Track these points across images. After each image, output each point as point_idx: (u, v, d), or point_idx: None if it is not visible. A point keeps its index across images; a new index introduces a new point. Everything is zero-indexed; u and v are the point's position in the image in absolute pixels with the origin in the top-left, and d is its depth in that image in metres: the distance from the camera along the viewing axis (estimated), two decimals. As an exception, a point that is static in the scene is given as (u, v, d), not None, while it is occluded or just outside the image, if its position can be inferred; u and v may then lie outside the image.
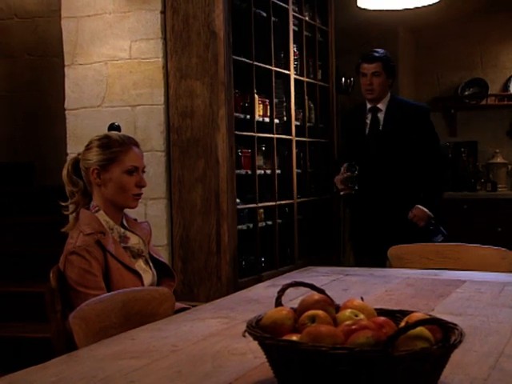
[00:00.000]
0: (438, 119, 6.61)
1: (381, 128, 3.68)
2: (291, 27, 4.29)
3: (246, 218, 3.86)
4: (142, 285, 2.13)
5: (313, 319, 1.14)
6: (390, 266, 2.64)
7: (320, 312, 1.16)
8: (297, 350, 1.04)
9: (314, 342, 1.04)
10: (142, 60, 3.67)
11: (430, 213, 3.58)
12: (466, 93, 6.47)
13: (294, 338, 1.11)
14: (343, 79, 5.82)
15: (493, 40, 6.39)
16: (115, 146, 2.17)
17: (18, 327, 3.82)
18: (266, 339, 1.09)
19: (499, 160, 6.29)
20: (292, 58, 4.29)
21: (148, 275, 2.19)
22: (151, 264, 2.24)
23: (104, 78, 3.74)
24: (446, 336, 1.03)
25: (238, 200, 3.67)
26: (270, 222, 4.04)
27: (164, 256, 3.49)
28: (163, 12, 3.63)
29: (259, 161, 3.96)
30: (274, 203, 4.05)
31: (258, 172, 3.92)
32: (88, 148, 2.21)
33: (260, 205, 3.91)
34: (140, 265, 2.18)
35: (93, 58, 3.75)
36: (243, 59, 3.77)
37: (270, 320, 1.17)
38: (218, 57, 3.53)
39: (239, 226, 3.71)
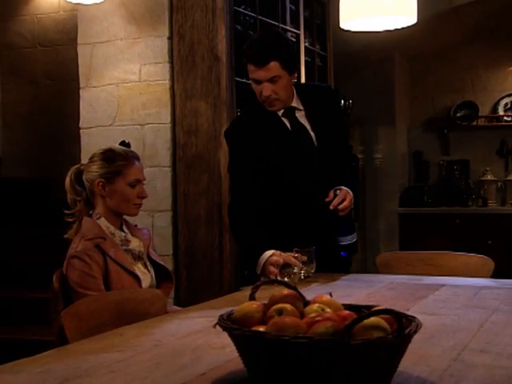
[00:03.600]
0: (432, 139, 6.60)
1: (312, 133, 2.38)
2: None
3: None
4: (140, 287, 2.11)
5: (280, 312, 1.12)
6: (378, 273, 2.61)
7: (287, 305, 1.14)
8: (262, 340, 1.03)
9: (278, 332, 1.02)
10: (151, 82, 3.69)
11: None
12: (458, 114, 6.45)
13: (261, 329, 1.09)
14: (342, 102, 5.84)
15: (481, 66, 6.40)
16: (119, 159, 2.17)
17: (34, 330, 3.81)
18: (234, 330, 1.08)
19: (489, 177, 6.26)
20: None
21: (147, 278, 2.17)
22: (150, 268, 2.22)
23: (115, 99, 3.76)
24: (401, 327, 1.01)
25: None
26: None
27: (169, 265, 3.48)
28: (170, 38, 3.65)
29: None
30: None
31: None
32: (92, 161, 2.21)
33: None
34: (139, 268, 2.17)
35: (105, 81, 3.78)
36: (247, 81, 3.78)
37: (240, 313, 1.15)
38: (221, 79, 3.54)
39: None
